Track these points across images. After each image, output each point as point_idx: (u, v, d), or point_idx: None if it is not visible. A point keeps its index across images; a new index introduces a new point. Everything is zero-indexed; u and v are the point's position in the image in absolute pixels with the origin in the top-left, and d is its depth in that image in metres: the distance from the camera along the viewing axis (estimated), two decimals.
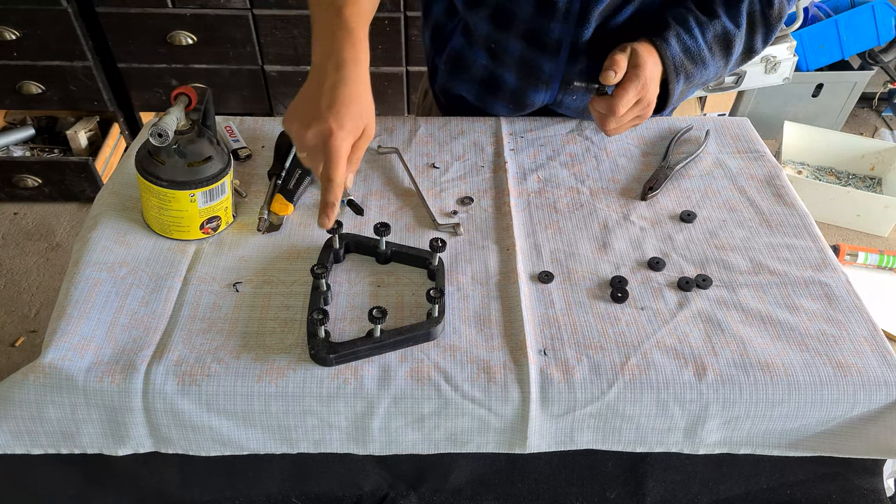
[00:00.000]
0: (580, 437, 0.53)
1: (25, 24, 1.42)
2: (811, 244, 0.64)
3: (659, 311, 0.57)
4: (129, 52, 1.52)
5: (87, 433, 0.52)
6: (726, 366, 0.52)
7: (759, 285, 0.59)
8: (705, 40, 0.63)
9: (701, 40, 0.63)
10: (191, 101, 0.58)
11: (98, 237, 0.60)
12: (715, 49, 0.64)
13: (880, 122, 2.04)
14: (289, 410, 0.51)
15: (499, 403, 0.51)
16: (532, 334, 0.54)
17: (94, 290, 0.56)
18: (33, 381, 0.50)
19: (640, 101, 0.62)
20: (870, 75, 1.83)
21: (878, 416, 0.53)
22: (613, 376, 0.52)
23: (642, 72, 0.60)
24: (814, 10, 1.80)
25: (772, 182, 0.71)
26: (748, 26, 0.65)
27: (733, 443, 0.55)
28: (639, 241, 0.64)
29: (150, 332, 0.53)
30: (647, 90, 0.61)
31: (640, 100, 0.61)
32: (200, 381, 0.50)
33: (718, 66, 0.66)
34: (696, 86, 0.67)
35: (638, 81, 0.60)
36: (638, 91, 0.60)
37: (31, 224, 1.61)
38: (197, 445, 0.53)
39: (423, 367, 0.52)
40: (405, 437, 0.53)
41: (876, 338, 0.55)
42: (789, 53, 1.59)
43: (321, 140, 0.49)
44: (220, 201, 0.60)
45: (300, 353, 0.52)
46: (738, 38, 0.64)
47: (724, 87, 1.64)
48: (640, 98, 0.61)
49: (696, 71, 0.64)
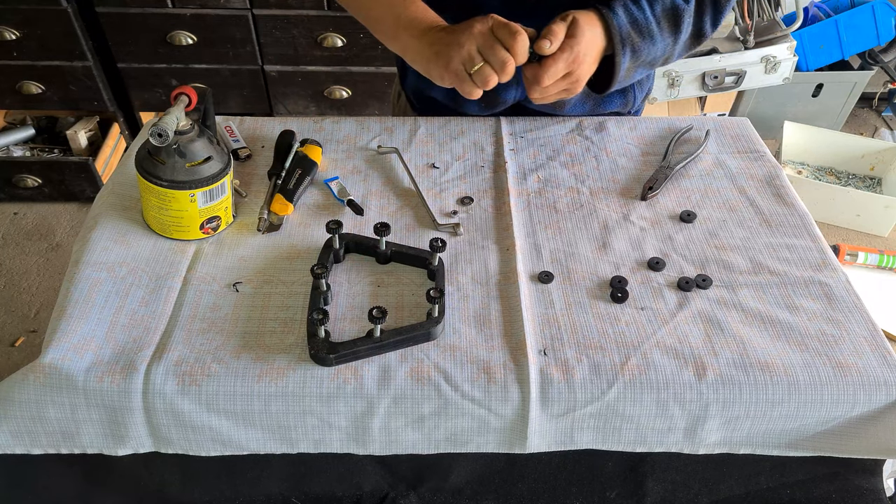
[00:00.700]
0: (580, 437, 0.53)
1: (25, 23, 1.42)
2: (811, 244, 0.64)
3: (659, 311, 0.57)
4: (128, 52, 1.52)
5: (87, 433, 0.52)
6: (726, 366, 0.52)
7: (759, 285, 0.59)
8: (654, 13, 0.62)
9: (649, 12, 0.62)
10: (191, 101, 0.58)
11: (98, 237, 0.60)
12: (663, 24, 0.63)
13: (880, 122, 2.04)
14: (289, 410, 0.51)
15: (499, 403, 0.51)
16: (532, 334, 0.54)
17: (94, 290, 0.56)
18: (33, 381, 0.50)
19: (570, 75, 0.60)
20: (870, 75, 1.83)
21: (878, 416, 0.53)
22: (613, 376, 0.52)
23: (576, 44, 0.58)
24: (814, 9, 1.80)
25: (772, 182, 0.71)
26: (697, 5, 0.64)
27: (733, 443, 0.55)
28: (639, 241, 0.64)
29: (150, 332, 0.53)
30: (579, 64, 0.59)
31: (570, 73, 0.59)
32: (200, 381, 0.50)
33: (666, 44, 0.64)
34: (644, 64, 0.65)
35: (570, 53, 0.58)
36: (568, 64, 0.58)
37: (31, 224, 1.61)
38: (197, 445, 0.53)
39: (423, 367, 0.52)
40: (405, 437, 0.53)
41: (876, 338, 0.55)
42: (789, 53, 1.59)
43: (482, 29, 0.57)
44: (220, 201, 0.60)
45: (300, 353, 0.52)
46: (687, 15, 0.63)
47: (725, 87, 1.64)
48: (570, 71, 0.59)
49: (643, 45, 0.63)
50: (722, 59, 1.60)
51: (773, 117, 1.84)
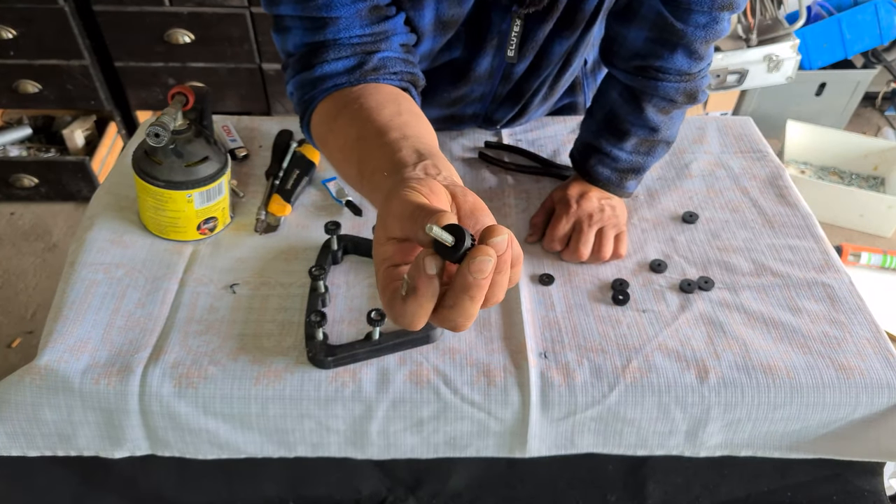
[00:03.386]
0: (581, 440, 0.53)
1: (22, 22, 1.42)
2: (814, 245, 0.63)
3: (661, 313, 0.56)
4: (126, 51, 1.51)
5: (83, 435, 0.51)
6: (728, 368, 0.52)
7: (762, 287, 0.59)
8: (628, 153, 0.61)
9: (624, 155, 0.61)
10: (188, 100, 0.58)
11: (94, 238, 0.60)
12: (643, 149, 0.61)
13: (883, 122, 2.03)
14: (286, 414, 0.50)
15: (499, 407, 0.51)
16: (532, 337, 0.54)
17: (91, 292, 0.55)
18: (29, 382, 0.49)
19: (585, 222, 0.59)
20: (873, 74, 1.82)
21: (881, 418, 0.52)
22: (615, 379, 0.51)
23: (566, 207, 0.60)
24: (816, 8, 1.79)
25: (774, 182, 0.70)
26: (664, 115, 0.60)
27: (734, 445, 0.54)
28: (640, 242, 0.63)
29: (147, 334, 0.53)
30: (579, 206, 0.60)
31: (579, 219, 0.60)
32: (197, 384, 0.50)
33: (660, 154, 0.63)
34: (654, 161, 0.64)
35: (566, 213, 0.60)
36: (570, 217, 0.60)
37: (28, 224, 1.60)
38: (194, 448, 0.52)
39: (422, 370, 0.51)
40: (404, 441, 0.52)
41: (879, 339, 0.55)
42: (792, 52, 1.58)
43: None
44: (217, 202, 0.60)
45: (298, 356, 0.52)
46: (662, 132, 0.61)
47: (727, 86, 1.63)
48: (576, 218, 0.60)
49: (638, 174, 0.63)
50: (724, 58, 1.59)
51: (776, 116, 1.83)
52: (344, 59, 0.47)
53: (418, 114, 0.46)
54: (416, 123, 0.43)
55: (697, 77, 0.58)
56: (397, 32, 0.50)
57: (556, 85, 0.67)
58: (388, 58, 0.49)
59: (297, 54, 0.49)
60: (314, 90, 0.48)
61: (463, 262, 0.29)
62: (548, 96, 0.69)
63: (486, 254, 0.29)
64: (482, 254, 0.29)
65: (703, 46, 0.56)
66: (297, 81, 0.49)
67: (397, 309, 0.31)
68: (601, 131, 0.62)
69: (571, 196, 0.62)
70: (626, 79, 0.59)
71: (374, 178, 0.39)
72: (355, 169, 0.42)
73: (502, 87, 0.65)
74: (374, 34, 0.48)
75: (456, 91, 0.64)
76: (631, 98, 0.60)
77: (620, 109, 0.60)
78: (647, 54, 0.56)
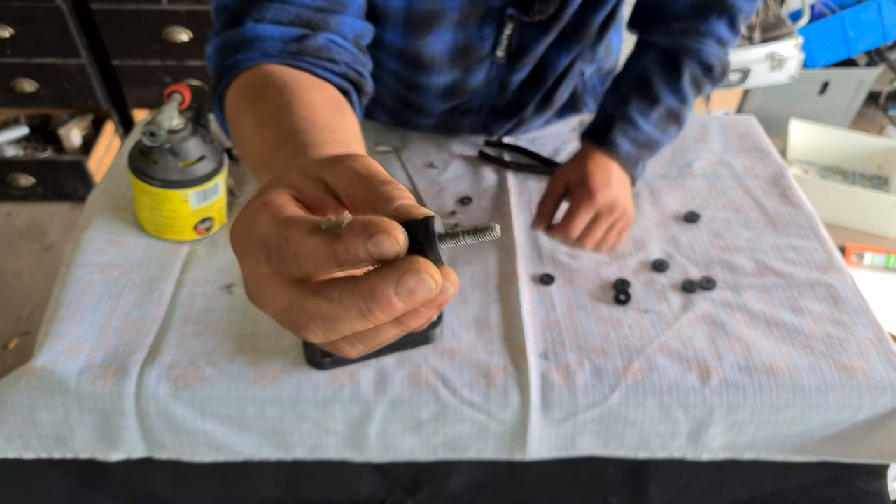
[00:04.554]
0: (582, 442, 0.52)
1: (19, 21, 1.41)
2: (817, 245, 0.63)
3: (662, 313, 0.56)
4: (123, 49, 1.50)
5: (79, 437, 0.51)
6: (731, 369, 0.51)
7: (765, 287, 0.58)
8: (652, 125, 0.59)
9: (648, 127, 0.59)
10: (184, 99, 0.57)
11: (91, 238, 0.59)
12: (663, 125, 0.60)
13: (887, 121, 2.02)
14: (284, 415, 0.50)
15: (498, 408, 0.50)
16: (533, 338, 0.53)
17: (87, 293, 0.55)
18: (25, 384, 0.49)
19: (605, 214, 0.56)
20: (876, 73, 1.81)
21: (884, 420, 0.52)
22: (616, 380, 0.51)
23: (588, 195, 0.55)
24: (819, 6, 1.78)
25: (777, 182, 0.70)
26: (695, 89, 0.59)
27: (737, 448, 0.54)
28: (642, 242, 0.63)
29: (143, 335, 0.52)
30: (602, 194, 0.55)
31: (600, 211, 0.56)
32: (194, 385, 0.49)
33: (672, 136, 0.61)
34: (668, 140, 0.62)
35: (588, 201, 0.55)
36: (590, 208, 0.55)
37: (25, 224, 1.60)
38: (191, 451, 0.52)
39: (421, 371, 0.51)
40: (403, 444, 0.52)
41: (882, 340, 0.54)
42: (796, 51, 1.57)
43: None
44: (214, 201, 0.59)
45: (295, 357, 0.51)
46: (687, 107, 0.60)
47: (730, 85, 1.63)
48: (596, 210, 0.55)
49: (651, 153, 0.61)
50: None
51: (779, 115, 1.83)
52: (284, 25, 0.39)
53: (358, 137, 0.35)
54: (355, 145, 0.33)
55: (729, 53, 0.59)
56: (350, 13, 0.42)
57: (552, 96, 0.67)
58: (334, 42, 0.41)
59: (230, 8, 0.41)
60: (237, 54, 0.39)
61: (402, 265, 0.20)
62: (545, 108, 0.68)
63: (433, 277, 0.20)
64: (427, 272, 0.20)
65: (742, 21, 0.57)
66: (221, 40, 0.40)
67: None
68: (630, 97, 0.59)
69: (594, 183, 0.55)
70: (666, 41, 0.58)
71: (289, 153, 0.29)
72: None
73: (499, 96, 0.64)
74: (325, 6, 0.41)
75: (451, 101, 0.63)
76: (668, 62, 0.58)
77: (654, 75, 0.59)
78: (693, 17, 0.57)
